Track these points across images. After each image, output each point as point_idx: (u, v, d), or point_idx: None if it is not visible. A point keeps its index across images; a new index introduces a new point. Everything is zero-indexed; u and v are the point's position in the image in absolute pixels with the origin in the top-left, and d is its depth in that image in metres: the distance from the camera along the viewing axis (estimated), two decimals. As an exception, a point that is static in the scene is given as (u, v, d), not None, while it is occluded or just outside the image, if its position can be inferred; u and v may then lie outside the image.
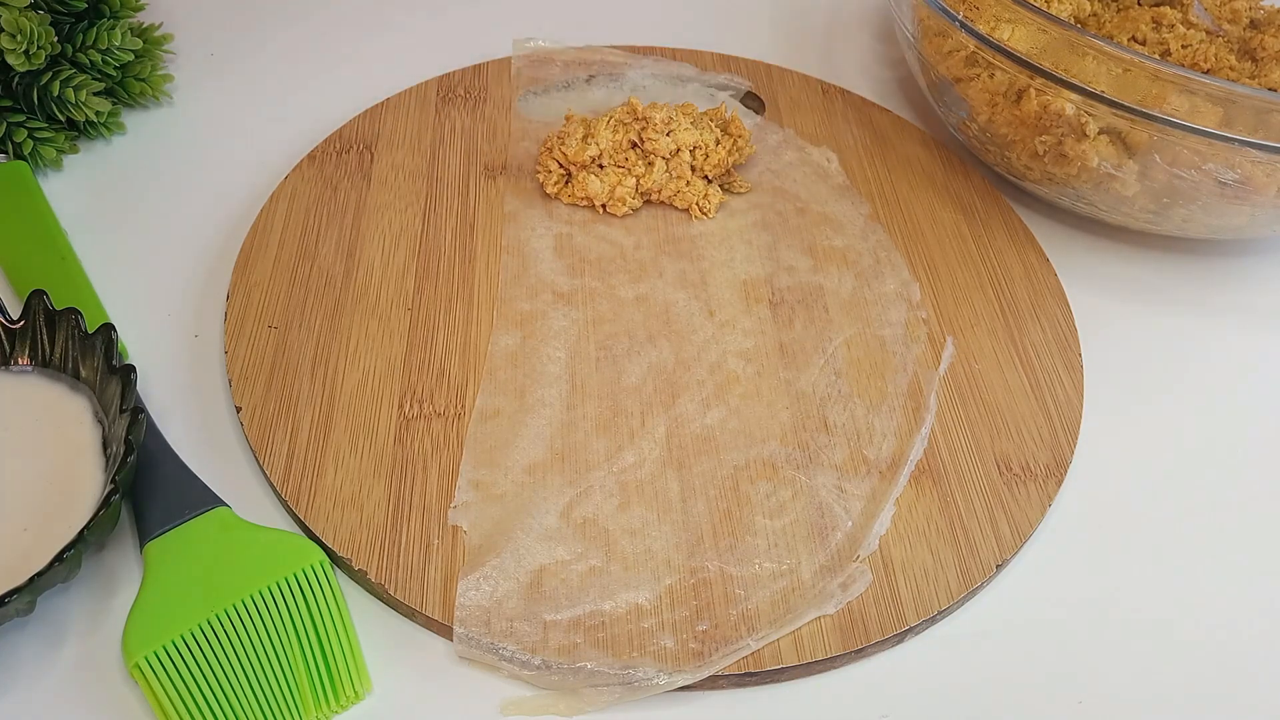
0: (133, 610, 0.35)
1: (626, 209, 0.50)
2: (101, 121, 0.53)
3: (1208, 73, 0.52)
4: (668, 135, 0.51)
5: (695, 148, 0.51)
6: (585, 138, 0.51)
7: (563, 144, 0.51)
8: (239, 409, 0.42)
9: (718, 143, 0.52)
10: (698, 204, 0.51)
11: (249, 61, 0.59)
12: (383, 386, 0.43)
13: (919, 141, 0.57)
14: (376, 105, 0.55)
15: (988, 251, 0.52)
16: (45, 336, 0.41)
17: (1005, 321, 0.48)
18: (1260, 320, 0.52)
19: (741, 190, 0.52)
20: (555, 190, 0.51)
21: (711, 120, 0.53)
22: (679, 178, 0.51)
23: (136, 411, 0.37)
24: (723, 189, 0.52)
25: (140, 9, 0.54)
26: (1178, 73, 0.44)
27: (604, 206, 0.51)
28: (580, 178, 0.50)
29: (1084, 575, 0.41)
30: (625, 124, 0.51)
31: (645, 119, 0.51)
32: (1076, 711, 0.38)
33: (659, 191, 0.51)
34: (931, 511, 0.41)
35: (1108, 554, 0.42)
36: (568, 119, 0.52)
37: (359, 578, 0.38)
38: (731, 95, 0.58)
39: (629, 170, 0.50)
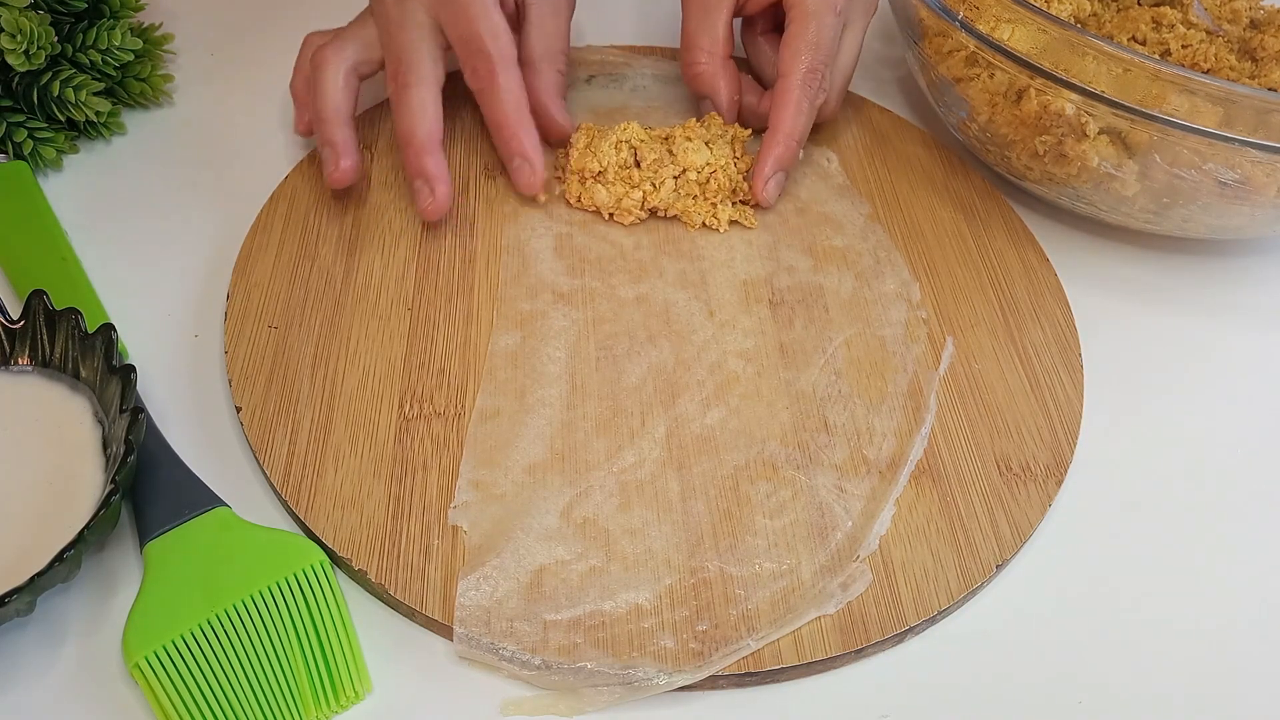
0: (133, 610, 0.35)
1: (633, 219, 0.50)
2: (101, 121, 0.53)
3: (1208, 73, 0.52)
4: (669, 164, 0.50)
5: (704, 167, 0.50)
6: (587, 147, 0.51)
7: (564, 154, 0.51)
8: (239, 409, 0.42)
9: (736, 162, 0.51)
10: (705, 222, 0.51)
11: (249, 61, 0.59)
12: (383, 386, 0.43)
13: (919, 141, 0.57)
14: (377, 105, 0.55)
15: (988, 251, 0.52)
16: (45, 336, 0.41)
17: (1005, 321, 0.48)
18: (1260, 320, 0.52)
19: (754, 201, 0.52)
20: (574, 196, 0.51)
21: (727, 138, 0.52)
22: (687, 195, 0.51)
23: (136, 411, 0.37)
24: (743, 203, 0.51)
25: (140, 9, 0.54)
26: (1178, 73, 0.44)
27: (611, 215, 0.51)
28: (589, 186, 0.50)
29: (1084, 575, 0.41)
30: (628, 143, 0.51)
31: (639, 158, 0.50)
32: (1076, 711, 0.38)
33: (666, 210, 0.51)
34: (931, 511, 0.41)
35: (1108, 554, 0.42)
36: (579, 129, 0.52)
37: (359, 578, 0.38)
38: (731, 95, 0.58)
39: (636, 185, 0.50)
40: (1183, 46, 0.53)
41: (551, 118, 0.51)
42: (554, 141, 0.53)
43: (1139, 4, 0.57)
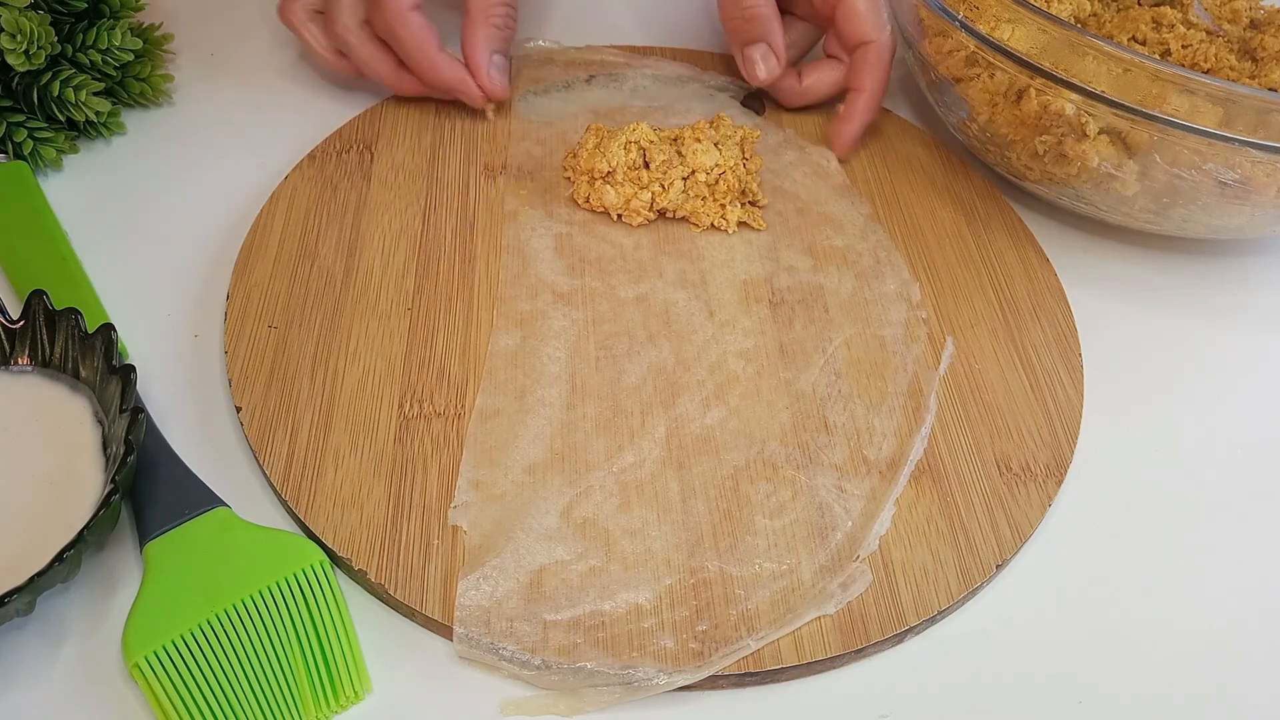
0: (133, 610, 0.35)
1: (642, 220, 0.50)
2: (101, 121, 0.53)
3: (1208, 73, 0.52)
4: (679, 165, 0.50)
5: (713, 168, 0.50)
6: (596, 147, 0.51)
7: (574, 155, 0.51)
8: (239, 409, 0.42)
9: (745, 164, 0.51)
10: (714, 223, 0.51)
11: (249, 61, 0.59)
12: (383, 386, 0.43)
13: (919, 141, 0.57)
14: (376, 105, 0.55)
15: (988, 251, 0.52)
16: (45, 336, 0.41)
17: (1005, 321, 0.48)
18: (1260, 320, 0.52)
19: (762, 203, 0.52)
20: (584, 197, 0.51)
21: (736, 139, 0.52)
22: (696, 196, 0.50)
23: (136, 411, 0.37)
24: (752, 204, 0.51)
25: (140, 9, 0.54)
26: (1178, 73, 0.44)
27: (619, 216, 0.50)
28: (598, 187, 0.50)
29: (1084, 575, 0.41)
30: (637, 144, 0.51)
31: (648, 160, 0.50)
32: (1076, 711, 0.38)
33: (675, 210, 0.51)
34: (931, 511, 0.41)
35: (1108, 554, 0.42)
36: (588, 129, 0.52)
37: (359, 578, 0.38)
38: (731, 96, 0.58)
39: (645, 186, 0.50)
40: (1183, 46, 0.53)
41: (478, 72, 0.52)
42: (493, 100, 0.54)
43: (1139, 4, 0.57)
